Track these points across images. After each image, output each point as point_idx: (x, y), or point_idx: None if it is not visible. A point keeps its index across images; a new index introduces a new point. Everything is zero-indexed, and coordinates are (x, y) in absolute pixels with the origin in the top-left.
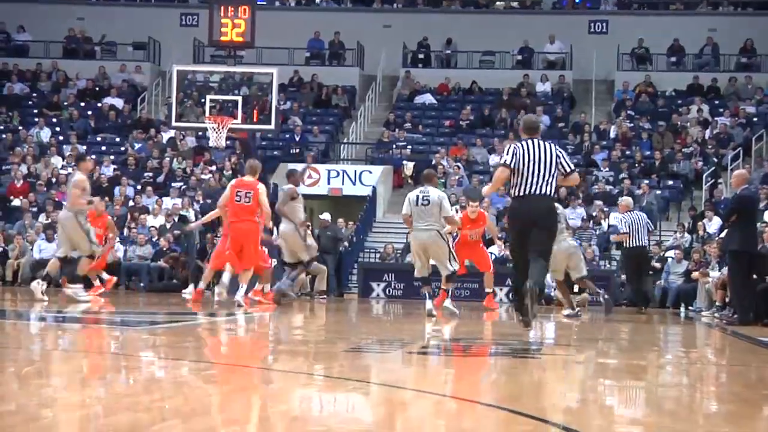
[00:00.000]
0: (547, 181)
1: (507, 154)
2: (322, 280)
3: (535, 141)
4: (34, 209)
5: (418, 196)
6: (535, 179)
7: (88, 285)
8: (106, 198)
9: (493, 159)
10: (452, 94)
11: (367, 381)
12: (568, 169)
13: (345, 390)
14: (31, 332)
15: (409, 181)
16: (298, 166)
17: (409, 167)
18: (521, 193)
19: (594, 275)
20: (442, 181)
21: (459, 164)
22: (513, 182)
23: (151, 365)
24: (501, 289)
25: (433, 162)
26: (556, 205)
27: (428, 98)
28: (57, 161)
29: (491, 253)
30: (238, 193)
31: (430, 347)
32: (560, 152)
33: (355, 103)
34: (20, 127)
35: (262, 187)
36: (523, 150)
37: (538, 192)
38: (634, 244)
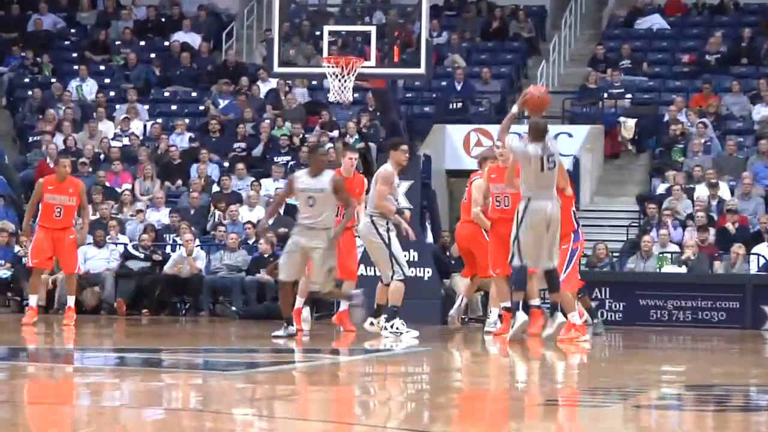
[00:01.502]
0: None
1: None
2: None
3: None
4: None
5: (543, 158)
6: None
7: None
8: (179, 182)
9: (759, 111)
10: (692, 14)
11: None
12: None
13: None
14: (79, 380)
15: (630, 146)
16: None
17: (629, 127)
18: None
19: None
20: (681, 147)
21: (705, 120)
22: None
23: (249, 427)
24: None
25: (666, 118)
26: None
27: (656, 21)
28: (107, 128)
29: (760, 254)
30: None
31: (666, 398)
32: None
33: (545, 32)
34: (53, 80)
35: (477, 181)
36: None
37: None
38: None
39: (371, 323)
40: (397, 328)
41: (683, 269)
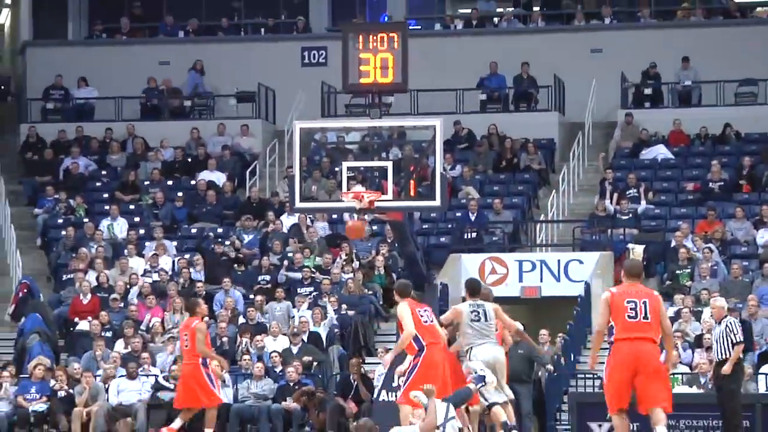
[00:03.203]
0: None
1: None
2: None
3: None
4: (109, 334)
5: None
6: None
7: None
8: (208, 318)
9: (763, 236)
10: (696, 145)
11: None
12: None
13: None
14: None
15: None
16: (475, 260)
17: (637, 252)
18: None
19: None
20: (687, 271)
21: (711, 246)
22: None
23: None
24: None
25: (673, 244)
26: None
27: (661, 152)
28: (137, 264)
29: None
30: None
31: None
32: None
33: (554, 163)
34: (86, 219)
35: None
36: None
37: None
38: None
39: None
40: None
41: (694, 389)
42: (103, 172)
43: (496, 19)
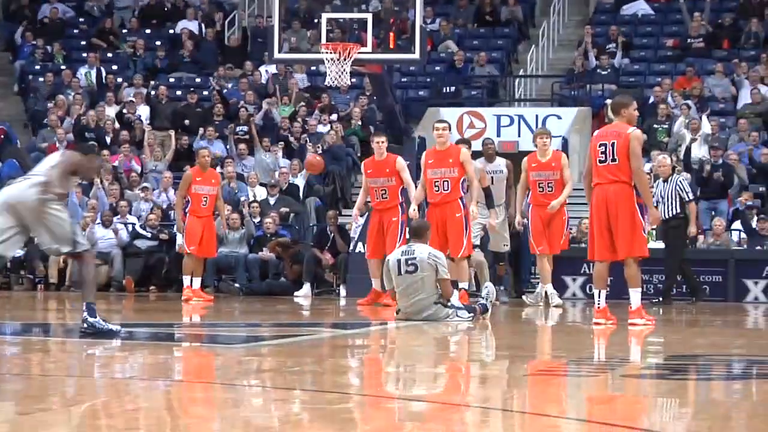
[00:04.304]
0: None
1: None
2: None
3: None
4: (85, 182)
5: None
6: None
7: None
8: (187, 167)
9: (740, 93)
10: (677, 0)
11: (561, 417)
12: None
13: (531, 429)
14: (90, 354)
15: None
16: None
17: None
18: None
19: None
20: (665, 127)
21: (689, 102)
22: None
23: (256, 397)
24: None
25: (651, 99)
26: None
27: (641, 6)
28: (114, 112)
29: (740, 230)
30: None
31: (651, 368)
32: None
33: (534, 18)
34: (63, 66)
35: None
36: None
37: None
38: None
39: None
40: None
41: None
42: (81, 20)
43: None
